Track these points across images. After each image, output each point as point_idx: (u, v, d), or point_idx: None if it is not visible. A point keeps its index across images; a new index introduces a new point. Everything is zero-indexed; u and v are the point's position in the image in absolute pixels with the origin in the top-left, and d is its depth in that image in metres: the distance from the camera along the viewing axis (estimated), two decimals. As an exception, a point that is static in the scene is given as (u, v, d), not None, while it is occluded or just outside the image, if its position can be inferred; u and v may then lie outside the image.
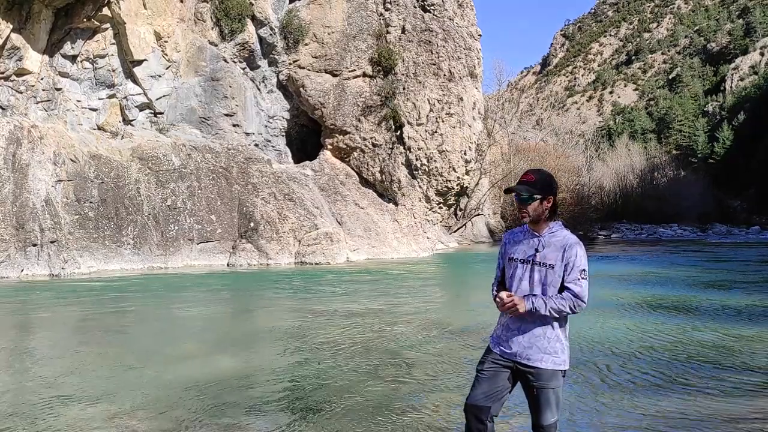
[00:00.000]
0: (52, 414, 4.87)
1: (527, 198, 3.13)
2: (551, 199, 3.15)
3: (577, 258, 3.06)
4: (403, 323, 9.00)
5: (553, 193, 3.16)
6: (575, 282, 3.04)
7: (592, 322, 8.49)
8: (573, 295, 3.03)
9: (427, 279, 16.17)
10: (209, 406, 5.01)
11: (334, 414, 4.83)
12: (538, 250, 3.14)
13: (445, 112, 23.14)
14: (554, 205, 3.17)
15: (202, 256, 18.33)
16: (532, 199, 3.13)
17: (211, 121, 21.16)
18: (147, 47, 19.86)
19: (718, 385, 5.62)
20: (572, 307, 3.03)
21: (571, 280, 3.05)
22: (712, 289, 12.72)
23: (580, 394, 5.35)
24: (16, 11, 17.41)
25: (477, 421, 3.16)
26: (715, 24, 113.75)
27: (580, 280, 3.04)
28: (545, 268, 3.10)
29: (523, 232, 3.26)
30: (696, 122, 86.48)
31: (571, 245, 3.09)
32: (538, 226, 3.18)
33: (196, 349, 7.33)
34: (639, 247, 28.66)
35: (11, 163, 16.12)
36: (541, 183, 3.14)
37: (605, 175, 54.66)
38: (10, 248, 15.30)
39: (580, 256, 3.07)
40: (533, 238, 3.19)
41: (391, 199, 23.23)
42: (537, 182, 3.15)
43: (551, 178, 3.22)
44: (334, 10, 23.21)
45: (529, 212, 3.15)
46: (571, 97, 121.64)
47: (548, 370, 3.06)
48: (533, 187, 3.13)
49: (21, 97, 17.98)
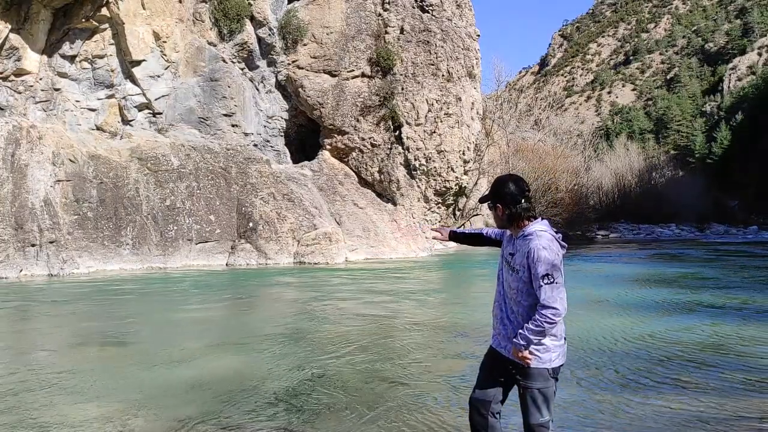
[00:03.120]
0: (52, 414, 4.88)
1: (489, 206, 3.30)
2: (500, 208, 3.19)
3: (536, 264, 3.00)
4: (403, 323, 9.02)
5: (502, 201, 3.17)
6: (538, 290, 3.02)
7: (588, 322, 8.52)
8: (541, 306, 2.99)
9: (425, 279, 16.19)
10: (209, 406, 5.03)
11: (334, 414, 4.85)
12: (512, 254, 3.20)
13: (443, 112, 23.16)
14: (511, 213, 3.15)
15: (201, 256, 18.33)
16: (490, 208, 3.29)
17: (210, 121, 21.16)
18: (146, 47, 19.86)
19: (717, 385, 5.64)
20: (546, 320, 2.98)
21: (536, 288, 3.03)
22: (711, 289, 12.74)
23: (576, 394, 5.37)
24: (14, 11, 17.41)
25: (478, 415, 3.23)
26: (713, 24, 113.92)
27: (542, 287, 2.99)
28: (515, 273, 3.15)
29: (509, 235, 3.34)
30: (694, 122, 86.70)
31: (531, 251, 3.04)
32: (513, 230, 3.24)
33: (195, 349, 7.34)
34: (637, 247, 28.70)
35: (10, 164, 16.12)
36: (493, 192, 3.25)
37: (603, 175, 54.66)
38: (9, 248, 15.30)
39: (538, 261, 3.00)
40: (510, 242, 3.27)
41: (390, 199, 23.24)
42: (491, 192, 3.27)
43: (505, 185, 3.20)
44: (333, 10, 23.22)
45: (494, 219, 3.32)
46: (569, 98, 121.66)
47: (533, 369, 3.08)
48: (488, 197, 3.28)
49: (20, 97, 17.97)
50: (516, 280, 3.13)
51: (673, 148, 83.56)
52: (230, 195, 19.27)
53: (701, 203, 50.06)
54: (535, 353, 3.07)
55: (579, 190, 39.78)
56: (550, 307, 2.97)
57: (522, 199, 3.14)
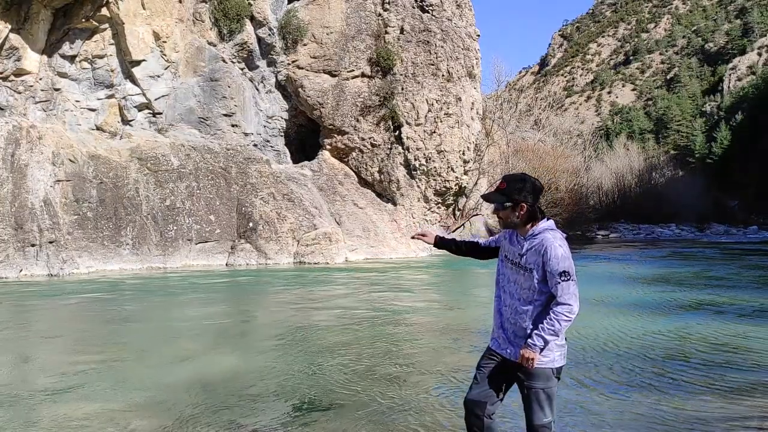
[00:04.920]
0: (52, 414, 4.88)
1: (499, 206, 3.17)
2: (524, 206, 3.11)
3: (552, 261, 3.00)
4: (403, 323, 9.02)
5: (525, 200, 3.10)
6: (555, 287, 3.02)
7: (590, 322, 8.51)
8: (556, 303, 3.01)
9: (425, 279, 16.19)
10: (209, 406, 5.02)
11: (334, 414, 4.85)
12: (521, 254, 3.16)
13: (443, 112, 23.16)
14: (531, 211, 3.12)
15: (200, 256, 18.33)
16: (503, 207, 3.15)
17: (209, 121, 21.16)
18: (146, 47, 19.85)
19: (718, 385, 5.64)
20: (563, 318, 2.98)
21: (552, 286, 3.03)
22: (712, 288, 12.74)
23: (577, 394, 5.37)
24: (14, 11, 17.40)
25: (474, 416, 3.22)
26: (713, 24, 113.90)
27: (560, 284, 2.99)
28: (527, 272, 3.11)
29: (514, 234, 3.26)
30: (694, 122, 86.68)
31: (547, 249, 3.03)
32: (521, 230, 3.18)
33: (195, 349, 7.34)
34: (637, 247, 28.71)
35: (10, 164, 16.12)
36: (511, 190, 3.13)
37: (603, 175, 54.66)
38: (8, 248, 15.30)
39: (556, 258, 3.00)
40: (518, 242, 3.21)
41: (390, 199, 23.24)
42: (507, 190, 3.14)
43: (525, 183, 3.14)
44: (333, 10, 23.21)
45: (502, 219, 3.20)
46: (569, 98, 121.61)
47: (537, 369, 3.07)
48: (503, 195, 3.15)
49: (20, 97, 17.97)
50: (529, 279, 3.10)
51: (673, 148, 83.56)
52: (230, 195, 19.27)
53: (701, 203, 50.07)
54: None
55: (579, 190, 39.77)
56: (567, 304, 2.98)
57: (540, 196, 3.17)
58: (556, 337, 3.02)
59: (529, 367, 3.04)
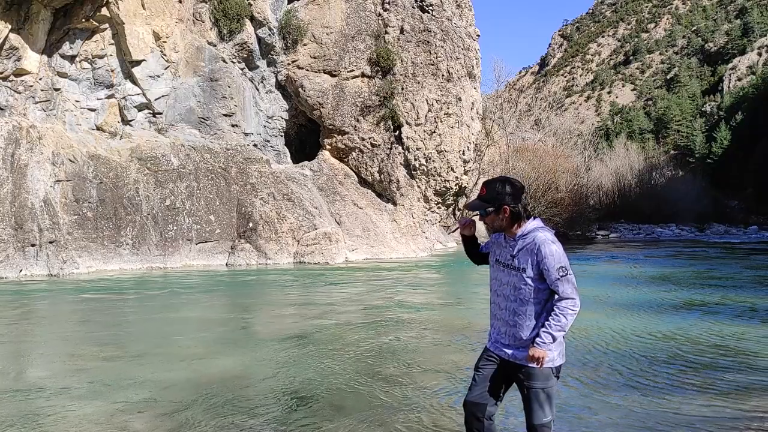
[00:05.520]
0: (52, 414, 4.88)
1: (483, 212, 3.19)
2: (507, 209, 3.12)
3: (548, 259, 3.02)
4: (403, 323, 9.02)
5: (506, 202, 3.11)
6: (554, 283, 3.03)
7: (588, 322, 8.51)
8: (559, 299, 3.03)
9: (425, 279, 16.19)
10: (209, 406, 5.02)
11: (334, 414, 4.85)
12: (513, 255, 3.17)
13: (443, 112, 23.15)
14: (514, 212, 3.12)
15: (200, 256, 18.33)
16: (486, 213, 3.18)
17: (209, 121, 21.16)
18: (146, 47, 19.85)
19: (718, 385, 5.64)
20: (568, 312, 3.00)
21: (552, 282, 3.04)
22: (713, 288, 12.74)
23: (576, 394, 5.37)
24: (14, 11, 17.40)
25: (474, 418, 3.22)
26: (713, 24, 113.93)
27: (559, 280, 3.01)
28: (519, 272, 3.13)
29: (502, 237, 3.27)
30: (694, 122, 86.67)
31: (540, 247, 3.05)
32: (509, 231, 3.19)
33: (195, 349, 7.34)
34: (637, 247, 28.70)
35: (10, 164, 16.11)
36: (492, 195, 3.15)
37: (603, 175, 54.64)
38: (8, 248, 15.29)
39: (551, 255, 3.02)
40: (508, 243, 3.22)
41: (390, 199, 23.24)
42: (487, 195, 3.16)
43: (504, 186, 3.16)
44: (333, 10, 23.21)
45: (488, 224, 3.22)
46: (569, 97, 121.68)
47: (536, 369, 3.08)
48: (485, 201, 3.17)
49: (19, 97, 17.96)
50: (522, 279, 3.12)
51: (673, 148, 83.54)
52: (230, 195, 19.27)
53: (701, 203, 50.05)
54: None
55: (579, 190, 39.75)
56: (570, 298, 3.01)
57: (522, 196, 3.16)
58: (564, 332, 3.04)
59: (539, 366, 3.04)
